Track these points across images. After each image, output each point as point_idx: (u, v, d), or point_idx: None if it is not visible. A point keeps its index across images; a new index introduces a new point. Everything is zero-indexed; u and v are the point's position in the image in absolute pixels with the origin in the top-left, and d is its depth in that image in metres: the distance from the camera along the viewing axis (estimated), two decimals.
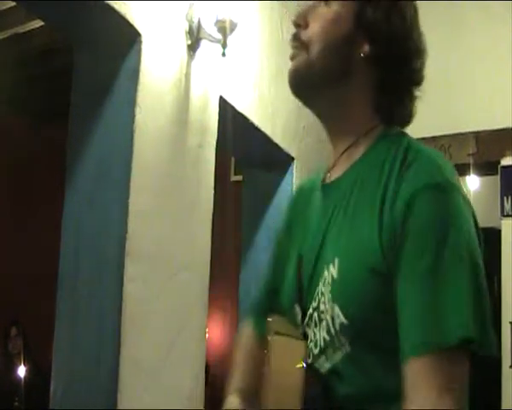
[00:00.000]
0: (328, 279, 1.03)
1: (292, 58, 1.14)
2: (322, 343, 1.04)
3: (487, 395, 3.74)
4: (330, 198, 1.12)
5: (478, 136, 3.99)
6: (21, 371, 4.97)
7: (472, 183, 6.38)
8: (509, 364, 3.75)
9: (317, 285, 1.06)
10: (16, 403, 4.93)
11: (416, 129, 4.39)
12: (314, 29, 1.11)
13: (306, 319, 1.09)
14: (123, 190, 2.40)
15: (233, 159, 5.87)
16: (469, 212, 0.99)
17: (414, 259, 0.93)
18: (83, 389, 2.37)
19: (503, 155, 3.95)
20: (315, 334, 1.06)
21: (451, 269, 0.91)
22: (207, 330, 2.97)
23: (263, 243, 3.74)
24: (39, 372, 4.93)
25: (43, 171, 6.03)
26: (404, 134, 1.13)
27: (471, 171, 4.17)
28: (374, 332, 0.98)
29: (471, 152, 4.01)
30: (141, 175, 2.45)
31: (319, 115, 1.18)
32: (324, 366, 1.04)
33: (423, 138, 4.11)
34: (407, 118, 1.17)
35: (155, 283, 2.54)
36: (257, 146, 3.52)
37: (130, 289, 2.38)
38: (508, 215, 3.93)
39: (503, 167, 3.95)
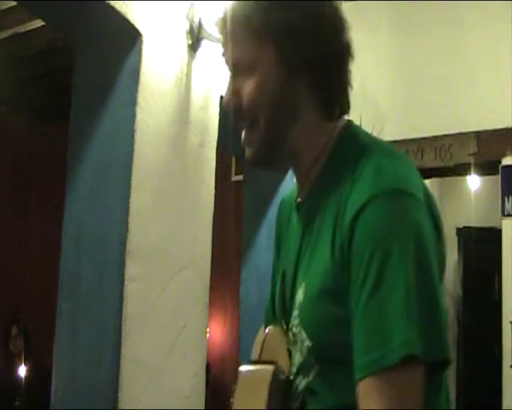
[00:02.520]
0: (297, 303, 1.06)
1: (244, 144, 1.10)
2: (297, 364, 1.08)
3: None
4: (301, 218, 1.13)
5: (479, 136, 3.99)
6: (22, 370, 4.98)
7: (473, 182, 6.39)
8: (510, 364, 3.75)
9: (293, 307, 1.09)
10: (17, 403, 4.93)
11: (417, 129, 4.39)
12: (251, 106, 1.06)
13: (288, 338, 1.12)
14: (124, 189, 2.40)
15: (234, 158, 5.88)
16: (423, 215, 0.97)
17: (359, 280, 0.93)
18: (83, 388, 2.37)
19: (504, 155, 3.95)
20: (294, 353, 1.09)
21: (393, 286, 0.90)
22: (208, 329, 2.97)
23: (263, 243, 3.75)
24: (40, 372, 4.93)
25: (44, 170, 6.04)
26: (356, 137, 1.11)
27: (472, 170, 4.17)
28: (337, 350, 0.99)
29: (472, 152, 4.01)
30: (141, 175, 2.45)
31: (281, 168, 1.17)
32: (302, 383, 1.07)
33: (424, 138, 4.12)
34: (348, 105, 1.15)
35: (156, 282, 2.54)
36: None
37: (131, 288, 2.38)
38: (508, 215, 3.93)
39: (504, 167, 3.95)
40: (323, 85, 1.08)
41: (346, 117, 1.15)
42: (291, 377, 1.09)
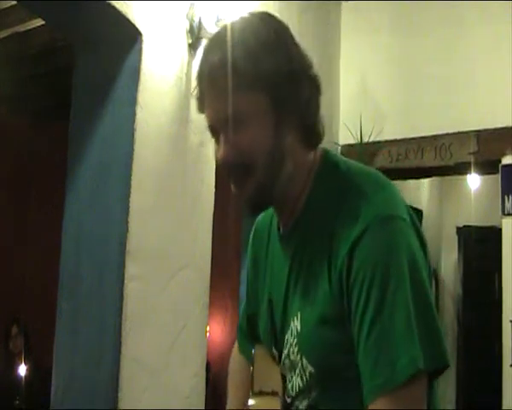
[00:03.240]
0: (294, 332, 1.11)
1: (240, 192, 1.10)
2: (297, 388, 1.13)
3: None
4: (286, 248, 1.16)
5: (479, 135, 3.99)
6: (22, 370, 4.97)
7: (473, 182, 6.40)
8: (510, 363, 3.75)
9: (286, 334, 1.14)
10: (17, 402, 4.93)
11: (417, 128, 4.39)
12: (250, 156, 1.06)
13: (281, 363, 1.17)
14: (124, 188, 2.40)
15: None
16: (411, 235, 1.03)
17: (360, 306, 0.98)
18: (83, 388, 2.37)
19: (504, 154, 3.95)
20: (291, 377, 1.15)
21: (395, 308, 0.96)
22: (208, 329, 2.97)
23: None
24: (40, 372, 4.93)
25: (44, 170, 6.03)
26: (336, 166, 1.12)
27: (472, 170, 4.17)
28: (339, 370, 1.05)
29: (472, 151, 4.01)
30: (142, 174, 2.45)
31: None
32: (302, 403, 1.13)
33: (424, 137, 4.12)
34: (323, 132, 1.14)
35: (156, 282, 2.54)
36: None
37: (131, 288, 2.38)
38: (508, 214, 3.93)
39: (504, 166, 3.94)
40: (308, 121, 1.10)
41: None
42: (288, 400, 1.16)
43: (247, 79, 1.03)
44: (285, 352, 1.14)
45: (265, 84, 1.04)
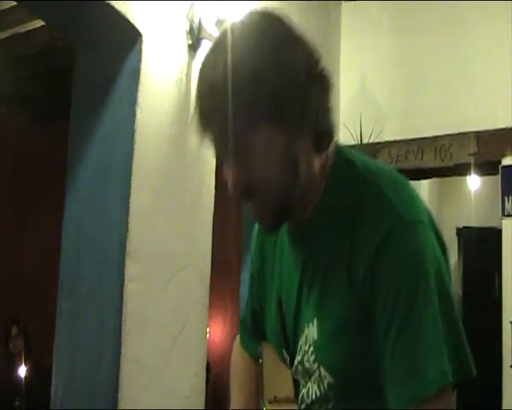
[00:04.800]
0: (309, 339, 1.07)
1: (258, 217, 1.06)
2: (313, 396, 1.09)
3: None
4: (298, 249, 1.11)
5: (479, 136, 3.99)
6: (22, 370, 4.97)
7: (473, 183, 6.40)
8: (510, 363, 3.75)
9: (299, 339, 1.10)
10: (17, 403, 4.93)
11: (417, 129, 4.38)
12: (263, 184, 1.00)
13: (293, 368, 1.13)
14: (124, 189, 2.40)
15: None
16: (433, 239, 0.99)
17: (387, 313, 0.96)
18: (83, 388, 2.37)
19: (504, 155, 3.95)
20: (306, 383, 1.11)
21: (423, 318, 0.94)
22: (208, 329, 2.97)
23: None
24: (40, 372, 4.93)
25: (44, 170, 6.03)
26: (351, 164, 1.07)
27: (472, 171, 4.17)
28: (361, 382, 1.02)
29: (472, 152, 4.01)
30: (141, 175, 2.45)
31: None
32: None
33: (424, 138, 4.12)
34: (335, 129, 1.09)
35: (156, 282, 2.54)
36: None
37: (131, 288, 2.38)
38: (508, 215, 3.93)
39: (504, 167, 3.94)
40: (320, 126, 1.03)
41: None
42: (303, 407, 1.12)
43: (254, 107, 0.96)
44: (298, 358, 1.10)
45: (273, 109, 0.97)
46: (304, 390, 1.12)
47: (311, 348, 1.06)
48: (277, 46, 0.99)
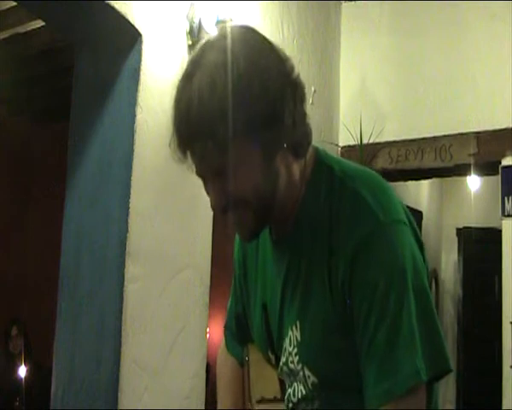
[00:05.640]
0: (293, 340, 1.10)
1: (238, 227, 1.08)
2: (299, 395, 1.12)
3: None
4: (281, 255, 1.13)
5: (479, 136, 3.99)
6: (22, 370, 4.97)
7: (473, 183, 6.40)
8: (510, 364, 3.75)
9: (284, 342, 1.13)
10: (17, 403, 4.93)
11: (417, 129, 4.37)
12: (244, 198, 1.02)
13: (279, 369, 1.16)
14: (124, 189, 2.40)
15: None
16: (411, 238, 1.02)
17: (363, 313, 0.98)
18: (83, 389, 2.37)
19: (504, 156, 3.94)
20: (291, 383, 1.14)
21: (398, 316, 0.96)
22: (208, 329, 2.97)
23: None
24: (40, 372, 4.93)
25: (44, 170, 6.03)
26: (329, 168, 1.09)
27: (472, 171, 4.17)
28: (342, 379, 1.05)
29: (472, 152, 4.00)
30: (142, 175, 2.45)
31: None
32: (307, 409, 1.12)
33: (424, 138, 4.12)
34: (311, 134, 1.10)
35: (156, 282, 2.54)
36: None
37: (131, 288, 2.38)
38: (508, 215, 3.92)
39: (504, 168, 3.94)
40: (297, 136, 1.04)
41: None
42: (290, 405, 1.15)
43: (231, 123, 0.96)
44: (283, 359, 1.13)
45: (250, 123, 0.97)
46: (290, 390, 1.15)
47: (295, 350, 1.09)
48: (250, 61, 1.00)
